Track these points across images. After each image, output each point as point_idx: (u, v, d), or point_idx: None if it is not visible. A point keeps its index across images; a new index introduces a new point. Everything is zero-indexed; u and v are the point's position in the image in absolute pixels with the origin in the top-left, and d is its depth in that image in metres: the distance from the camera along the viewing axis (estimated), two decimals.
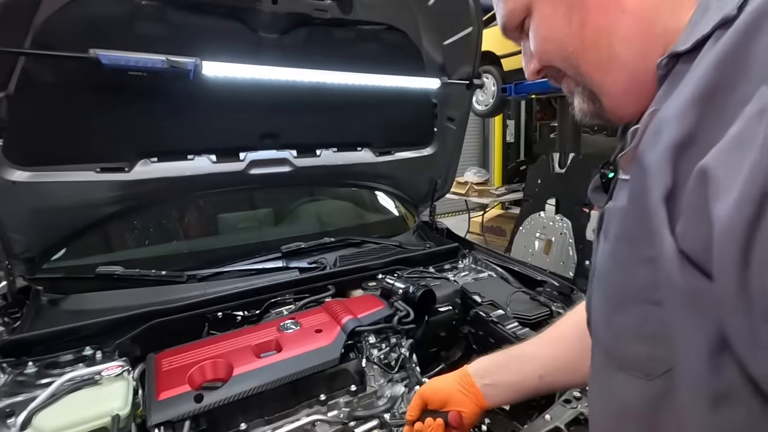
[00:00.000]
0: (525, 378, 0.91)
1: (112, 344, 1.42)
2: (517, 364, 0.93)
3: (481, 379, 0.92)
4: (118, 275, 1.68)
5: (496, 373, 0.93)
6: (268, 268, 1.78)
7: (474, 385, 0.92)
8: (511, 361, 0.94)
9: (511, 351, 0.96)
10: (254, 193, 2.38)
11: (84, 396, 1.14)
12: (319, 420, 1.12)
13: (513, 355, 0.95)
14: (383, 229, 2.36)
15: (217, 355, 1.21)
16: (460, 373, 0.95)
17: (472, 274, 1.97)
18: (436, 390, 0.95)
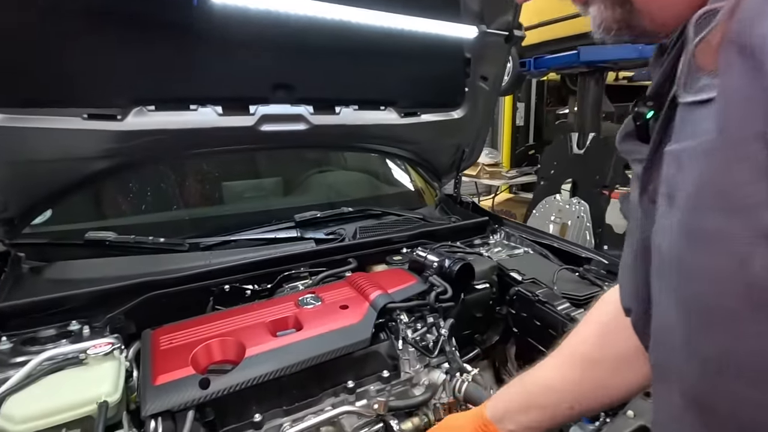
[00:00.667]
0: (553, 413, 0.78)
1: (103, 319, 1.23)
2: (540, 399, 0.79)
3: (502, 423, 0.79)
4: (110, 242, 1.48)
5: (519, 414, 0.79)
6: (281, 237, 1.58)
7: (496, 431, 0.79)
8: (532, 397, 0.80)
9: (528, 383, 0.82)
10: (263, 160, 2.17)
11: (66, 378, 0.95)
12: (347, 412, 0.93)
13: (532, 390, 0.81)
14: (398, 204, 2.15)
15: (225, 332, 1.02)
16: (478, 418, 0.81)
17: (506, 250, 1.77)
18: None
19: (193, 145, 1.51)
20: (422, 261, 1.33)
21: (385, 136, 1.88)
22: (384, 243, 1.66)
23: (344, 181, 2.37)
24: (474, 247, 1.76)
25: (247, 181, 2.14)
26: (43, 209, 1.44)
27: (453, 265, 1.28)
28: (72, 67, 1.22)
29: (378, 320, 1.10)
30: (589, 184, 4.44)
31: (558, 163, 4.81)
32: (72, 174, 1.37)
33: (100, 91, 1.28)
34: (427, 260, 1.32)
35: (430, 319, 1.17)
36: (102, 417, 0.84)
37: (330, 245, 1.57)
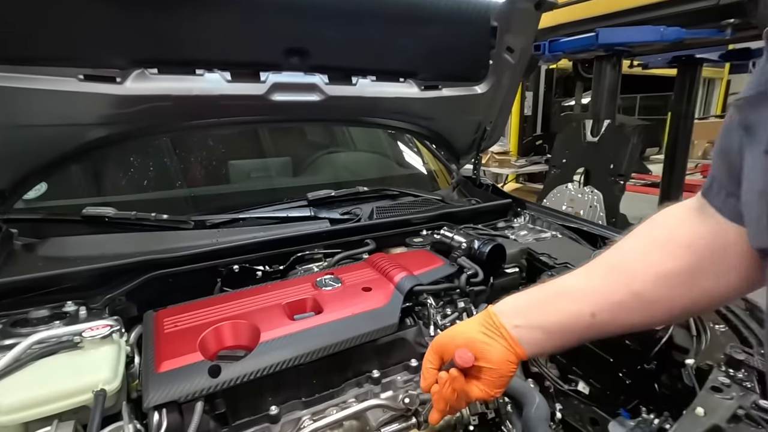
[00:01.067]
0: (571, 317, 0.69)
1: (101, 299, 1.13)
2: (558, 300, 0.70)
3: (511, 319, 0.70)
4: (109, 218, 1.37)
5: (531, 311, 0.71)
6: (293, 216, 1.47)
7: (502, 326, 0.70)
8: (550, 297, 0.72)
9: (547, 286, 0.74)
10: (272, 138, 2.05)
11: (59, 363, 0.85)
12: (375, 406, 0.83)
13: (551, 291, 0.72)
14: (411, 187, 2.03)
15: (237, 315, 0.91)
16: (483, 315, 0.73)
17: (532, 234, 1.66)
18: (452, 337, 0.73)
19: (199, 115, 1.39)
20: (448, 242, 1.22)
21: (403, 111, 1.75)
22: (403, 224, 1.55)
23: (356, 161, 2.26)
24: (498, 230, 1.65)
25: (255, 160, 2.03)
26: (36, 181, 1.33)
27: (483, 246, 1.17)
28: (66, 20, 1.10)
29: (404, 304, 0.99)
30: (602, 172, 4.31)
31: (570, 151, 4.68)
32: (66, 142, 1.25)
33: (97, 49, 1.16)
34: (453, 241, 1.21)
35: (461, 304, 1.07)
36: (99, 407, 0.74)
37: (346, 225, 1.46)
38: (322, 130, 2.34)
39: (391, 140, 2.47)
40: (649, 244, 0.68)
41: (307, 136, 2.29)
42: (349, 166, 2.20)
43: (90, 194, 1.60)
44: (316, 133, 2.33)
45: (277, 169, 2.06)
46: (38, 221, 1.39)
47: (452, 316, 1.04)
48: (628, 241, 0.71)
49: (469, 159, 2.10)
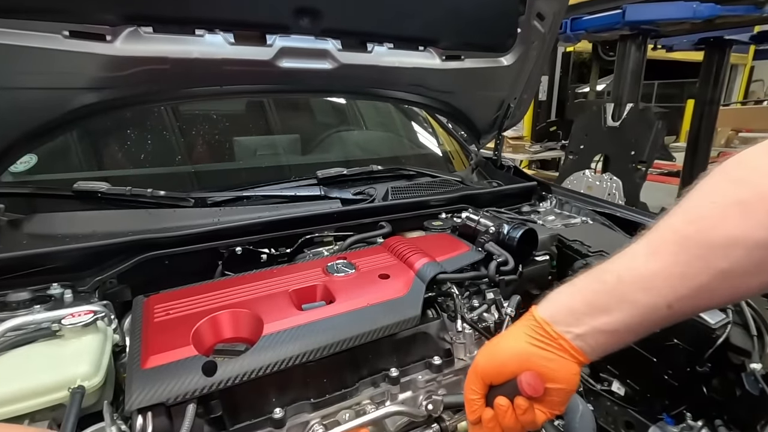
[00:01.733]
0: (642, 312, 0.55)
1: (90, 282, 1.02)
2: (623, 293, 0.56)
3: (569, 327, 0.58)
4: (102, 193, 1.26)
5: (591, 313, 0.57)
6: (302, 195, 1.35)
7: (560, 337, 0.58)
8: (611, 290, 0.57)
9: (601, 275, 0.59)
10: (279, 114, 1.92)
11: (34, 354, 0.75)
12: (394, 413, 0.71)
13: (610, 281, 0.57)
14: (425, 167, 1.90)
15: (237, 303, 0.80)
16: (529, 324, 0.60)
17: (560, 219, 1.52)
18: (497, 356, 0.61)
19: (200, 81, 1.26)
20: (473, 226, 1.09)
21: (421, 84, 1.61)
22: (420, 206, 1.43)
23: (369, 140, 2.12)
24: (523, 215, 1.52)
25: (262, 137, 1.90)
26: (21, 152, 1.22)
27: (513, 231, 1.04)
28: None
29: (426, 294, 0.87)
30: (623, 158, 4.13)
31: (589, 136, 4.49)
32: (52, 108, 1.13)
33: (85, 0, 1.03)
34: (480, 225, 1.08)
35: (490, 295, 0.94)
36: (74, 408, 0.64)
37: (359, 206, 1.34)
38: (332, 109, 2.20)
39: (404, 119, 2.33)
40: (733, 206, 0.53)
41: (316, 114, 2.15)
42: (361, 144, 2.07)
43: (83, 168, 1.49)
44: (325, 111, 2.19)
45: (284, 147, 1.94)
46: (26, 196, 1.29)
47: (480, 308, 0.92)
48: (699, 204, 0.56)
49: (490, 139, 1.96)
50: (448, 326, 0.88)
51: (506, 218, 1.11)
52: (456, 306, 0.86)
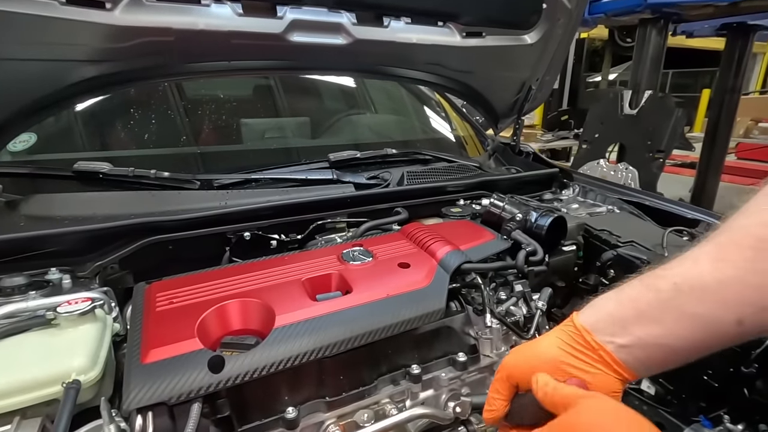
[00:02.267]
0: (706, 327, 0.48)
1: (90, 267, 0.97)
2: (682, 304, 0.48)
3: (612, 336, 0.50)
4: (104, 174, 1.20)
5: (641, 323, 0.49)
6: (314, 179, 1.28)
7: (601, 347, 0.50)
8: (668, 300, 0.49)
9: (654, 282, 0.51)
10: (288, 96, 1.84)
11: (27, 344, 0.69)
12: (417, 416, 0.65)
13: (666, 289, 0.49)
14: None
15: (246, 292, 0.73)
16: (566, 331, 0.53)
17: (585, 207, 1.44)
18: (529, 360, 0.54)
19: (205, 55, 1.19)
20: (498, 213, 1.01)
21: (439, 63, 1.52)
22: (437, 192, 1.36)
23: (381, 123, 2.04)
24: (544, 203, 1.44)
25: (270, 119, 1.82)
26: (18, 129, 1.15)
27: (542, 218, 0.96)
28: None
29: (450, 285, 0.80)
30: (640, 148, 4.01)
31: (605, 125, 4.36)
32: (49, 81, 1.06)
33: None
34: (505, 212, 1.00)
35: (518, 287, 0.87)
36: (68, 404, 0.58)
37: (373, 191, 1.27)
38: (342, 93, 2.12)
39: (416, 103, 2.25)
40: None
41: (325, 98, 2.07)
42: (373, 128, 1.99)
43: (84, 149, 1.42)
44: (335, 95, 2.11)
45: (293, 130, 1.86)
46: (25, 176, 1.23)
47: (509, 302, 0.84)
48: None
49: (509, 123, 1.87)
50: (473, 320, 0.81)
51: (533, 205, 1.04)
52: (484, 299, 0.79)
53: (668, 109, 3.83)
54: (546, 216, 0.98)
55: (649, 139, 3.94)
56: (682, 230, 1.19)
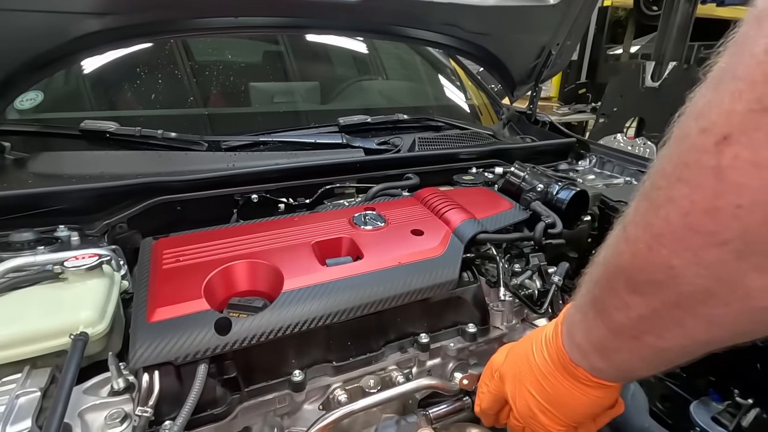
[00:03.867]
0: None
1: (99, 226, 0.96)
2: None
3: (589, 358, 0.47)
4: (111, 133, 1.17)
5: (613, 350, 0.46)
6: (323, 143, 1.24)
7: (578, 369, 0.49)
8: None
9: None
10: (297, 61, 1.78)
11: (36, 297, 0.68)
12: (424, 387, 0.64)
13: None
14: None
15: (256, 252, 0.72)
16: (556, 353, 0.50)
17: (601, 179, 1.40)
18: (519, 370, 0.55)
19: (211, 9, 1.13)
20: (518, 183, 0.97)
21: (455, 24, 1.44)
22: (449, 159, 1.32)
23: (393, 89, 1.97)
24: (559, 172, 1.39)
25: (279, 83, 1.77)
26: (23, 85, 1.12)
27: (563, 191, 0.93)
28: None
29: (464, 255, 0.78)
30: (660, 122, 3.87)
31: (624, 97, 4.21)
32: (53, 35, 1.02)
33: None
34: (525, 181, 0.96)
35: (534, 260, 0.85)
36: (76, 356, 0.57)
37: (383, 156, 1.23)
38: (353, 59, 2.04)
39: (429, 70, 2.17)
40: None
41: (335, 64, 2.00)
42: (385, 93, 1.92)
43: (92, 108, 1.40)
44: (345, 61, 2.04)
45: (302, 95, 1.81)
46: (33, 134, 1.21)
47: (524, 275, 0.82)
48: None
49: (525, 91, 1.80)
50: (486, 292, 0.79)
51: (555, 177, 1.00)
52: (499, 271, 0.77)
53: (692, 81, 3.62)
54: (568, 189, 0.94)
55: (670, 113, 3.77)
56: None
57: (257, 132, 1.32)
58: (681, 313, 0.36)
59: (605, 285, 0.41)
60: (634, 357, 0.43)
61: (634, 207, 0.38)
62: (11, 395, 0.57)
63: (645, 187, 0.38)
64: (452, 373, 0.75)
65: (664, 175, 0.35)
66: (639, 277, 0.37)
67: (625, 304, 0.39)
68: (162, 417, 0.56)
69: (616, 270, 0.40)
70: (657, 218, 0.34)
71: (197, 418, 0.58)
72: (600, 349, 0.45)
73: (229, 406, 0.60)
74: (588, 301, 0.45)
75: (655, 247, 0.35)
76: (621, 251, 0.39)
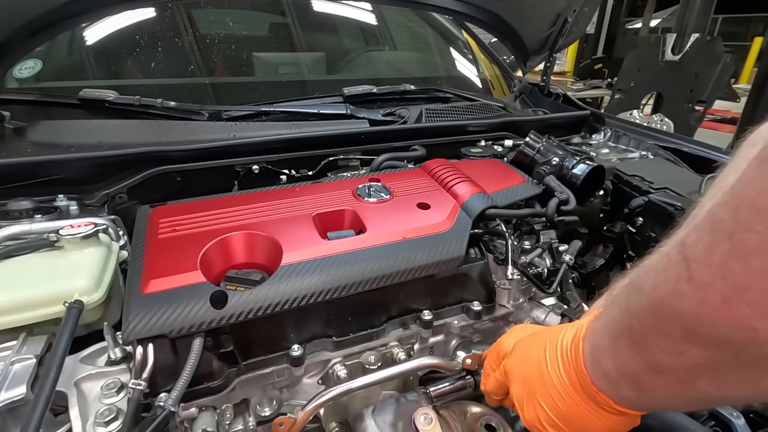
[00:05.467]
0: None
1: (98, 196, 0.94)
2: None
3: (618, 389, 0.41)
4: (110, 102, 1.14)
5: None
6: (327, 113, 1.20)
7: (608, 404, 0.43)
8: None
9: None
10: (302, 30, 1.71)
11: (32, 265, 0.67)
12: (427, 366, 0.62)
13: None
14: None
15: (255, 224, 0.69)
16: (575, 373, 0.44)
17: (615, 153, 1.34)
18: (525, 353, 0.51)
19: None
20: (532, 155, 0.93)
21: None
22: (457, 131, 1.27)
23: (401, 59, 1.90)
24: (572, 146, 1.34)
25: (284, 53, 1.71)
26: (20, 51, 1.09)
27: (579, 166, 0.88)
28: None
29: (472, 230, 0.75)
30: (679, 98, 3.74)
31: (642, 72, 4.05)
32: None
33: None
34: (538, 154, 0.92)
35: (546, 237, 0.81)
36: (69, 324, 0.56)
37: (388, 127, 1.19)
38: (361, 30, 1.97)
39: (440, 41, 2.08)
40: None
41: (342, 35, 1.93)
42: (392, 64, 1.85)
43: (91, 77, 1.36)
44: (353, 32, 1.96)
45: (308, 66, 1.75)
46: (31, 103, 1.18)
47: (533, 253, 0.79)
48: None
49: (539, 61, 1.72)
50: (493, 269, 0.76)
51: (571, 150, 0.95)
52: (507, 249, 0.73)
53: (716, 54, 3.51)
54: (584, 164, 0.90)
55: (690, 87, 3.66)
56: None
57: (260, 102, 1.28)
58: (756, 373, 0.30)
59: (651, 324, 0.35)
60: (677, 397, 0.37)
61: (704, 241, 0.30)
62: (6, 361, 0.56)
63: (721, 217, 0.29)
64: (455, 351, 0.73)
65: (761, 213, 0.27)
66: (704, 330, 0.31)
67: (677, 351, 0.33)
68: (158, 389, 0.55)
69: (670, 312, 0.33)
70: (745, 268, 0.27)
71: (194, 391, 0.57)
72: (634, 383, 0.39)
73: (227, 379, 0.59)
74: (622, 329, 0.38)
75: (735, 303, 0.28)
76: (681, 292, 0.31)
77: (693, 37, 3.69)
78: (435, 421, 0.55)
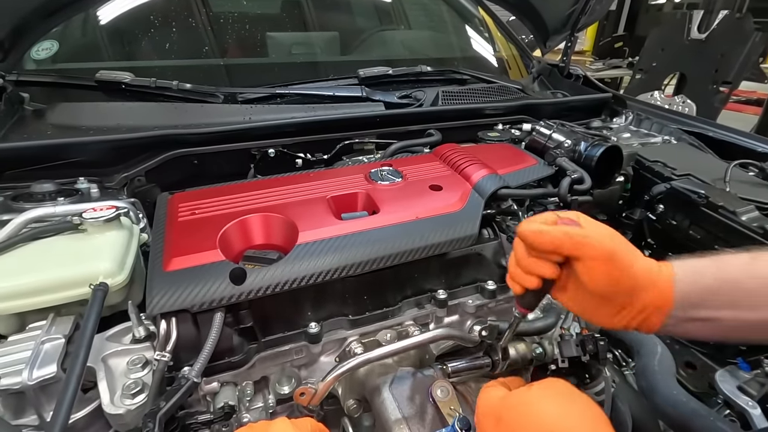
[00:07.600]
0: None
1: (118, 179, 0.96)
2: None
3: (691, 311, 0.46)
4: (126, 84, 1.15)
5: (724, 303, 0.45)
6: (342, 96, 1.19)
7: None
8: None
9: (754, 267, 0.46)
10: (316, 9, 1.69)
11: (58, 247, 0.69)
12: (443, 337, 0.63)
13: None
14: None
15: (271, 206, 0.70)
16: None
17: (637, 137, 1.31)
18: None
19: None
20: (544, 141, 0.92)
21: None
22: (474, 114, 1.25)
23: (416, 39, 1.87)
24: (592, 130, 1.31)
25: (297, 33, 1.70)
26: (38, 31, 1.11)
27: (593, 149, 0.87)
28: None
29: (485, 211, 0.74)
30: (703, 78, 3.61)
31: (666, 51, 3.91)
32: None
33: None
34: (552, 137, 0.91)
35: None
36: (96, 305, 0.58)
37: (405, 110, 1.18)
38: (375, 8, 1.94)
39: (456, 20, 2.04)
40: None
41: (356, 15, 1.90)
42: (408, 43, 1.83)
43: (109, 58, 1.37)
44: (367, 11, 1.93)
45: (321, 45, 1.73)
46: (49, 85, 1.20)
47: None
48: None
49: (559, 41, 1.67)
50: (506, 249, 0.76)
51: (585, 134, 0.93)
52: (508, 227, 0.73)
53: (745, 32, 3.36)
54: (598, 146, 0.88)
55: (715, 67, 3.52)
56: (750, 164, 1.07)
57: (274, 84, 1.28)
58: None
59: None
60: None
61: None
62: (37, 341, 0.59)
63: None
64: (471, 329, 0.74)
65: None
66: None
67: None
68: (181, 363, 0.57)
69: None
70: None
71: (215, 365, 0.59)
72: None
73: (247, 354, 0.61)
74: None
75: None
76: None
77: (722, 14, 3.54)
78: (452, 394, 0.56)
